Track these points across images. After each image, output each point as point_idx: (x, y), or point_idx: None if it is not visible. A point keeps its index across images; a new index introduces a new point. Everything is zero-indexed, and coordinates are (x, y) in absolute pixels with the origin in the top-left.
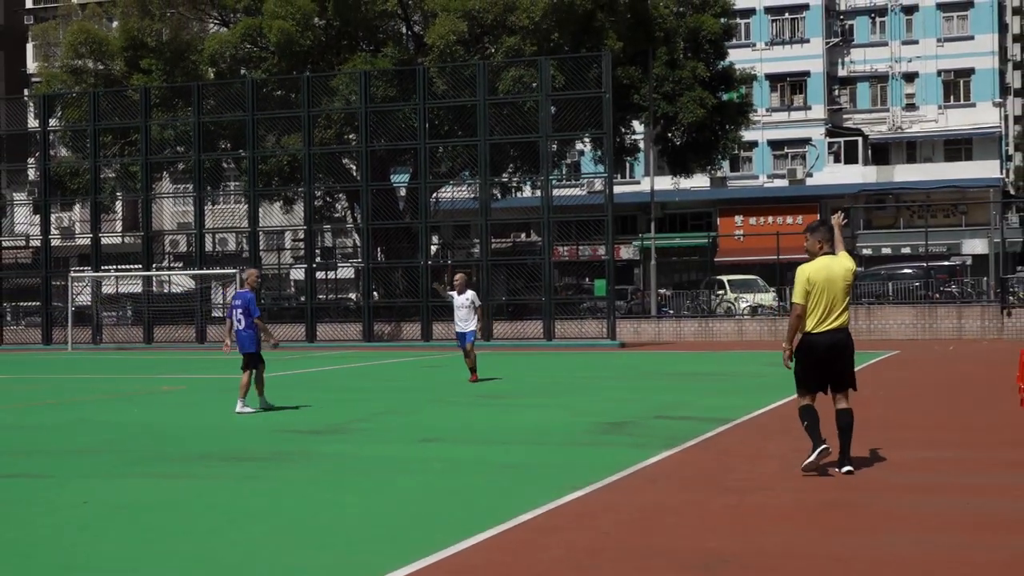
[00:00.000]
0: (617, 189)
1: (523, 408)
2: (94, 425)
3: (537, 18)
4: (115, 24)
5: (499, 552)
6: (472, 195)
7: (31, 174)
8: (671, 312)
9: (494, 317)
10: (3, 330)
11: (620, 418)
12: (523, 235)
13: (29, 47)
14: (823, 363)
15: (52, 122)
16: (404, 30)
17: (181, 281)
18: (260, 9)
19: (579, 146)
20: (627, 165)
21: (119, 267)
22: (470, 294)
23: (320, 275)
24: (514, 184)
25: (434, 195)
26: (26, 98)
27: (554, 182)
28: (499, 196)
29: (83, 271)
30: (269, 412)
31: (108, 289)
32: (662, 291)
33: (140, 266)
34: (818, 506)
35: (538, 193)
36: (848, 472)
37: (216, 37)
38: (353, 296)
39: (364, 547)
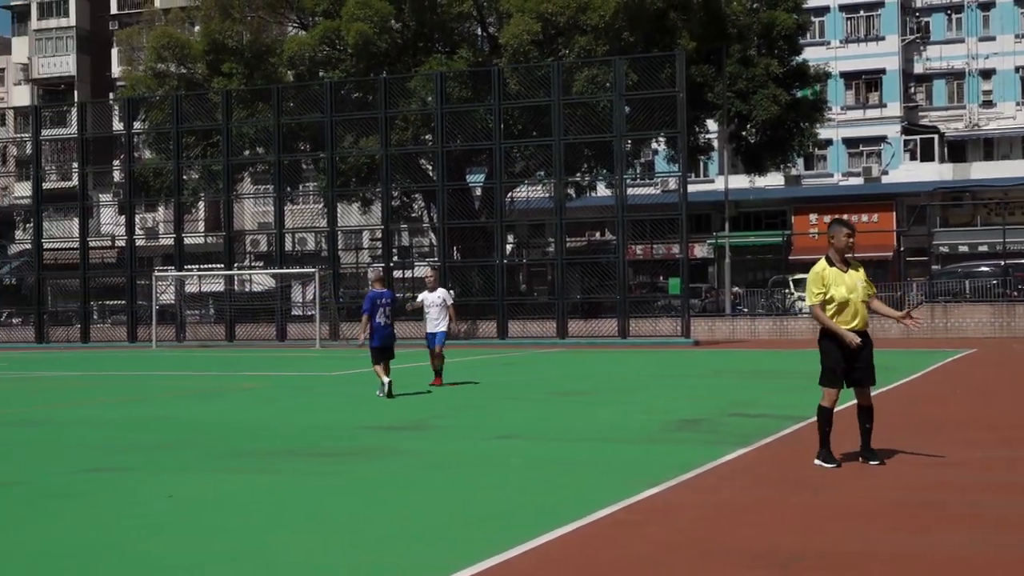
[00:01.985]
0: (691, 188)
1: (598, 405)
2: (177, 421)
3: (609, 17)
4: (197, 28)
5: (576, 547)
6: (547, 194)
7: (116, 176)
8: (745, 310)
9: (569, 316)
10: (90, 328)
11: (694, 415)
12: (597, 234)
13: (114, 52)
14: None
15: (136, 125)
16: (479, 32)
17: (262, 280)
18: (338, 12)
19: (653, 145)
20: (701, 164)
21: (201, 266)
22: (441, 292)
23: (397, 274)
24: (588, 183)
25: (509, 194)
26: (111, 102)
27: (628, 181)
28: (574, 195)
29: (167, 270)
30: (346, 410)
31: (191, 288)
32: (736, 289)
33: (222, 265)
34: (891, 504)
35: (612, 192)
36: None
37: (295, 40)
38: None
39: (444, 542)
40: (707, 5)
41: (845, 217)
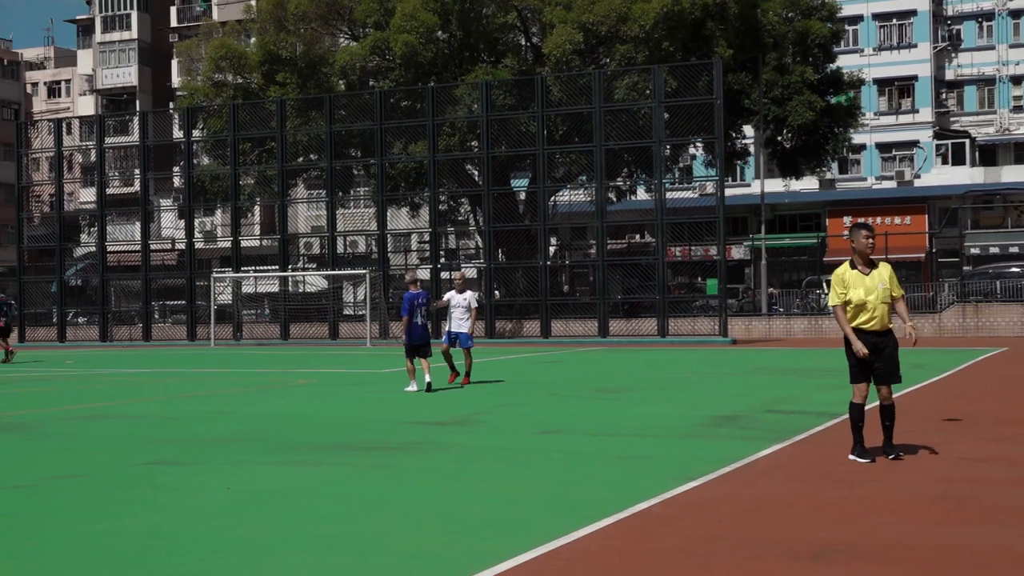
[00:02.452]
0: (728, 191)
1: (638, 402)
2: (235, 416)
3: (649, 27)
4: (252, 40)
5: (616, 539)
6: (588, 198)
7: (176, 182)
8: (781, 310)
9: (610, 315)
10: (151, 327)
11: (732, 412)
12: (637, 236)
13: (174, 63)
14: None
15: (195, 133)
16: (523, 42)
17: (315, 281)
18: (388, 24)
19: (691, 150)
20: (738, 168)
21: (257, 268)
22: (469, 294)
23: (444, 275)
24: (629, 187)
25: (552, 198)
26: (171, 111)
27: (667, 185)
28: (614, 199)
29: (224, 272)
30: (395, 406)
31: (247, 289)
32: (772, 290)
33: (277, 267)
34: (927, 498)
35: (652, 196)
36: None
37: (346, 50)
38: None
39: (486, 533)
40: (744, 15)
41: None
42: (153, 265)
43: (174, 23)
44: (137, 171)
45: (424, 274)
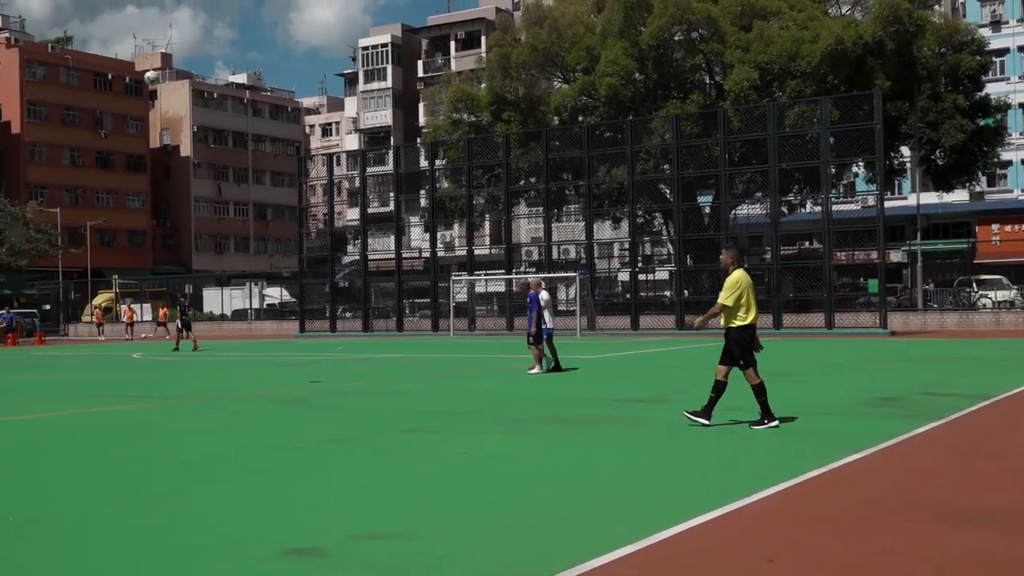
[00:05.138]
0: (887, 204)
1: (807, 384)
2: (470, 393)
3: (816, 63)
4: (483, 85)
5: (791, 501)
6: (764, 211)
7: (422, 202)
8: (935, 305)
9: (783, 310)
10: (403, 320)
11: (891, 394)
12: (807, 243)
13: (420, 106)
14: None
15: (437, 162)
16: (707, 80)
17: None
18: (594, 69)
19: (854, 168)
20: (895, 183)
21: (487, 272)
22: (545, 294)
23: (641, 277)
24: (799, 202)
25: (732, 212)
26: (418, 145)
27: (833, 199)
28: (786, 212)
29: (461, 275)
30: (599, 386)
31: (479, 289)
32: (927, 287)
33: (503, 271)
34: None
35: (819, 209)
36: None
37: (559, 92)
38: (668, 293)
39: (677, 494)
40: (900, 51)
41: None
42: (404, 270)
43: (421, 73)
44: (391, 194)
45: (625, 276)
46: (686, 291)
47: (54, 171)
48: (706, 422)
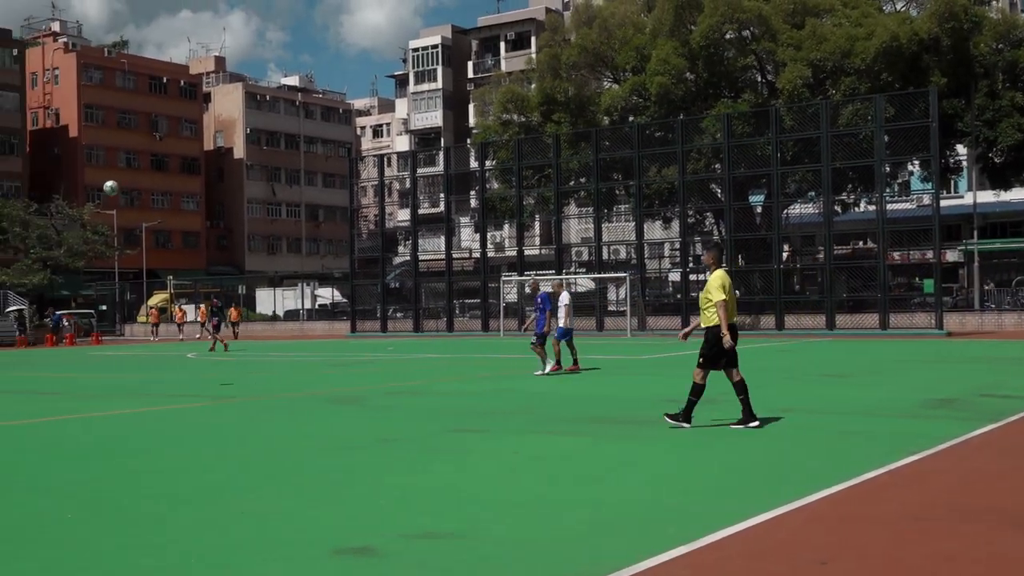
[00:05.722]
0: (943, 202)
1: (862, 385)
2: (519, 393)
3: (870, 61)
4: (533, 86)
5: (844, 504)
6: (817, 210)
7: (472, 203)
8: (993, 306)
9: (837, 310)
10: (453, 320)
11: (947, 395)
12: (861, 243)
13: (470, 107)
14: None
15: (487, 163)
16: (759, 79)
17: (584, 282)
18: (644, 68)
19: (909, 167)
20: (951, 182)
21: (537, 272)
22: (565, 295)
23: (692, 277)
24: (853, 201)
25: (784, 211)
26: (468, 145)
27: (887, 198)
28: (839, 211)
29: (511, 275)
30: (646, 386)
31: (529, 289)
32: (985, 287)
33: (553, 271)
34: None
35: (873, 208)
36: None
37: (609, 92)
38: None
39: (725, 495)
40: (956, 47)
41: None
42: (455, 270)
43: (471, 75)
44: (442, 195)
45: (675, 276)
46: (737, 292)
47: (110, 173)
48: (687, 426)
